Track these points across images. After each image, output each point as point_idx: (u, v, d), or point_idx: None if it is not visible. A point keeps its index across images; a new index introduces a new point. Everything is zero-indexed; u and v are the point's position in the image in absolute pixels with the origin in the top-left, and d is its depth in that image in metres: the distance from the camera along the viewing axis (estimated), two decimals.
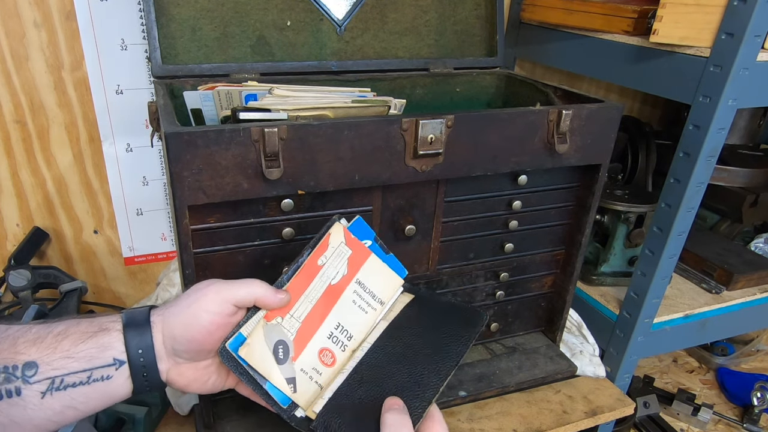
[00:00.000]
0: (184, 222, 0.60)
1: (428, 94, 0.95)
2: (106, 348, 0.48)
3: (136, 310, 0.52)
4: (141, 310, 0.52)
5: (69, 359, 0.46)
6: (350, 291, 0.60)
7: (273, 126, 0.58)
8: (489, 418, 0.83)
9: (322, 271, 0.59)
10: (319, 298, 0.58)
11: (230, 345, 0.54)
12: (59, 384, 0.46)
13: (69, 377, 0.46)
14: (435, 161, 0.68)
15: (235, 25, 0.83)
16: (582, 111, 0.73)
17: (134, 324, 0.50)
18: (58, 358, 0.46)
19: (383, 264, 0.62)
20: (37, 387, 0.45)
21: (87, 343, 0.47)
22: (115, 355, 0.48)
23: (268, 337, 0.55)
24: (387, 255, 0.63)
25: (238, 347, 0.54)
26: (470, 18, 0.97)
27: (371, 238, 0.62)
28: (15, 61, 0.86)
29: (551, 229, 0.86)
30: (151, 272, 1.10)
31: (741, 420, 1.24)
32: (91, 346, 0.47)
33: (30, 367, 0.45)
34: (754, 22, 0.69)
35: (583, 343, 0.97)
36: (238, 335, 0.54)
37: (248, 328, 0.55)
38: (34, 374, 0.45)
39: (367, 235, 0.62)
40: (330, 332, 0.58)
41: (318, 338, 0.57)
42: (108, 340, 0.48)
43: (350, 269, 0.60)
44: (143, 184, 1.02)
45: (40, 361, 0.46)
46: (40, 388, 0.46)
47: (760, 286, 1.08)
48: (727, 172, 1.16)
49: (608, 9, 0.90)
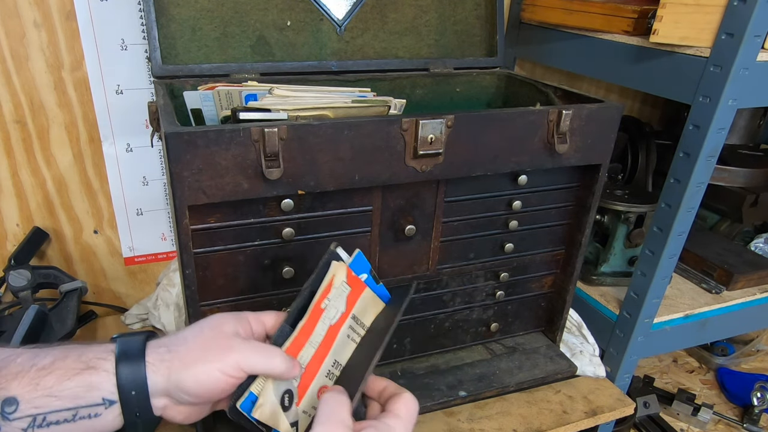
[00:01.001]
0: (184, 222, 0.60)
1: (428, 94, 0.95)
2: (93, 388, 0.45)
3: (130, 343, 0.48)
4: (135, 343, 0.48)
5: (52, 398, 0.43)
6: (346, 327, 0.59)
7: (273, 126, 0.58)
8: (489, 418, 0.83)
9: (324, 314, 0.57)
10: (321, 341, 0.57)
11: (242, 406, 0.51)
12: (41, 422, 0.43)
13: (52, 415, 0.44)
14: (435, 161, 0.68)
15: (235, 25, 0.83)
16: (582, 111, 0.73)
17: (128, 361, 0.47)
18: (41, 395, 0.43)
19: (374, 294, 0.62)
20: (17, 424, 0.43)
21: (72, 380, 0.44)
22: (104, 395, 0.45)
23: (276, 390, 0.53)
24: (378, 285, 0.62)
25: (251, 408, 0.52)
26: (470, 18, 0.97)
27: (367, 271, 0.61)
28: (15, 61, 0.86)
29: (551, 229, 0.86)
30: (151, 272, 1.10)
31: (741, 420, 1.24)
32: (76, 384, 0.44)
33: (10, 404, 0.42)
34: (754, 22, 0.69)
35: (583, 343, 0.97)
36: (249, 394, 0.52)
37: (258, 386, 0.52)
38: (14, 411, 0.43)
39: (364, 268, 0.61)
40: (328, 370, 0.57)
41: (318, 379, 0.56)
42: (96, 380, 0.45)
43: (348, 306, 0.59)
44: (143, 184, 1.02)
45: (21, 397, 0.43)
46: (21, 425, 0.43)
47: (760, 286, 1.08)
48: (727, 172, 1.16)
49: (608, 9, 0.90)
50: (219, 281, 0.68)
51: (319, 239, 0.71)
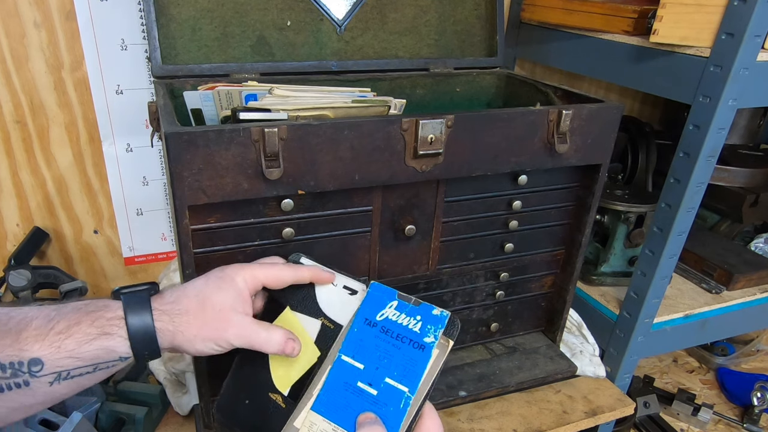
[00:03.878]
0: (184, 222, 0.60)
1: (428, 94, 0.95)
2: (111, 351, 0.50)
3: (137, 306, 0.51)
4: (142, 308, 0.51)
5: (74, 359, 0.48)
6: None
7: (273, 126, 0.58)
8: (489, 418, 0.83)
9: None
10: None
11: None
12: (66, 375, 0.48)
13: (75, 371, 0.49)
14: (435, 161, 0.68)
15: (235, 25, 0.83)
16: (582, 111, 0.73)
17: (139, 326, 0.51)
18: (63, 357, 0.48)
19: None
20: (45, 379, 0.47)
21: (91, 344, 0.49)
22: (120, 354, 0.50)
23: None
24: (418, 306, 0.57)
25: None
26: (470, 18, 0.97)
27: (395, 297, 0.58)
28: (15, 61, 0.86)
29: (551, 229, 0.85)
30: (151, 272, 1.10)
31: (741, 420, 1.24)
32: (95, 347, 0.49)
33: (36, 363, 0.47)
34: (754, 22, 0.69)
35: (583, 343, 0.97)
36: None
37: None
38: (40, 369, 0.47)
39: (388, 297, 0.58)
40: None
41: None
42: (112, 344, 0.50)
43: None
44: (143, 184, 1.02)
45: (45, 358, 0.47)
46: (48, 380, 0.48)
47: (760, 286, 1.08)
48: (727, 172, 1.16)
49: (608, 9, 0.90)
50: None
51: (319, 239, 0.71)
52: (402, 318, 0.55)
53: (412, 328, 0.54)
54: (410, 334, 0.54)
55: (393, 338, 0.54)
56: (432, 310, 0.55)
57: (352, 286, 0.60)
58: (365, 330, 0.55)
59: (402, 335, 0.54)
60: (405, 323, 0.55)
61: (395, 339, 0.54)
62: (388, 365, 0.53)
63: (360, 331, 0.55)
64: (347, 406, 0.52)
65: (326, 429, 0.52)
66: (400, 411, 0.52)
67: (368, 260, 0.75)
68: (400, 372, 0.53)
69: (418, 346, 0.53)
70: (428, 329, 0.54)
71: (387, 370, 0.53)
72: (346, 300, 0.59)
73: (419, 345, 0.53)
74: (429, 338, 0.54)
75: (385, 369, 0.53)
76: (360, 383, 0.53)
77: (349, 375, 0.54)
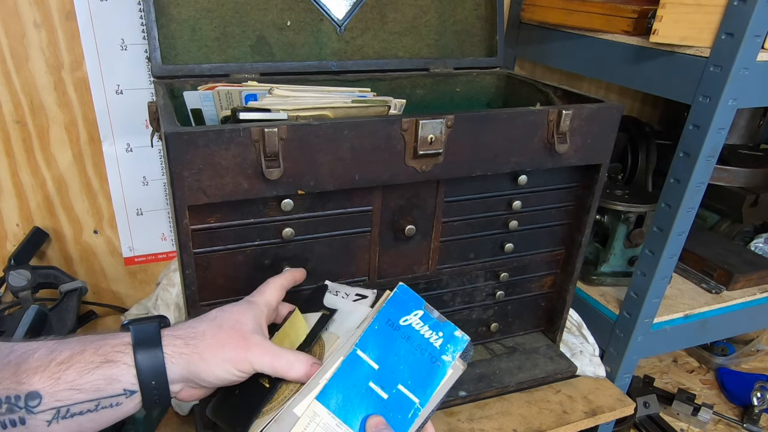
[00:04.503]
0: (184, 222, 0.60)
1: (428, 94, 0.95)
2: (114, 380, 0.47)
3: (145, 333, 0.49)
4: (150, 333, 0.49)
5: (74, 390, 0.45)
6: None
7: (273, 126, 0.58)
8: (489, 418, 0.83)
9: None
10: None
11: None
12: (65, 413, 0.45)
13: (75, 407, 0.45)
14: (435, 161, 0.68)
15: (235, 25, 0.83)
16: (582, 111, 0.73)
17: (146, 353, 0.48)
18: (63, 389, 0.45)
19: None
20: (42, 416, 0.44)
21: (93, 374, 0.46)
22: (125, 386, 0.47)
23: None
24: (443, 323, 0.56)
25: None
26: (470, 18, 0.97)
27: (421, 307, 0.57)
28: (15, 61, 0.86)
29: (551, 229, 0.85)
30: (151, 272, 1.10)
31: (741, 420, 1.24)
32: (97, 377, 0.46)
33: (33, 398, 0.44)
34: (754, 22, 0.69)
35: (583, 343, 0.97)
36: None
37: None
38: (37, 405, 0.44)
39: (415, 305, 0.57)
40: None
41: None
42: (116, 373, 0.47)
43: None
44: (143, 184, 1.02)
45: (44, 391, 0.44)
46: (46, 417, 0.45)
47: (760, 286, 1.08)
48: (727, 172, 1.16)
49: (608, 9, 0.90)
50: (219, 281, 0.68)
51: (319, 239, 0.71)
52: (425, 330, 0.55)
53: (433, 343, 0.54)
54: (430, 348, 0.54)
55: (414, 347, 0.54)
56: (454, 331, 0.55)
57: (363, 292, 0.62)
58: (386, 331, 0.54)
59: (422, 346, 0.54)
60: (427, 336, 0.54)
61: (415, 349, 0.54)
62: (404, 372, 0.53)
63: (381, 330, 0.54)
64: (355, 405, 0.51)
65: (329, 423, 0.51)
66: (407, 421, 0.51)
67: (368, 260, 0.75)
68: (414, 382, 0.52)
69: (436, 361, 0.53)
70: (448, 348, 0.54)
71: (402, 376, 0.52)
72: (356, 305, 0.60)
73: (437, 360, 0.53)
74: (447, 357, 0.53)
75: (399, 375, 0.52)
76: (372, 383, 0.52)
77: (362, 372, 0.52)
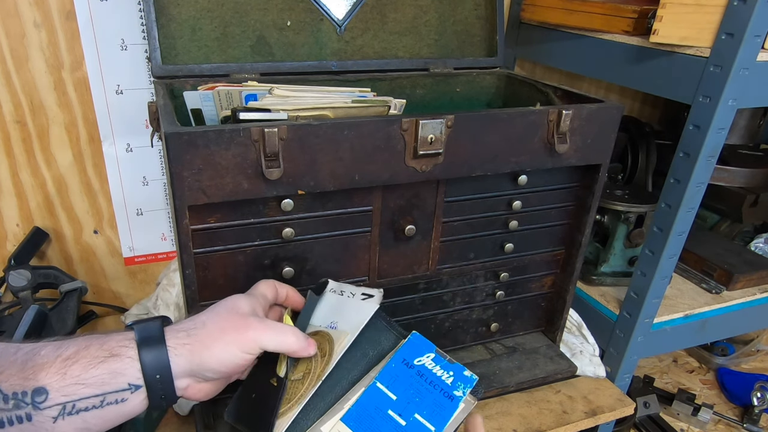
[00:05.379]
0: (184, 222, 0.60)
1: (428, 94, 0.95)
2: (119, 374, 0.47)
3: (149, 329, 0.50)
4: (154, 329, 0.50)
5: (80, 385, 0.46)
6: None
7: (273, 126, 0.58)
8: (489, 418, 0.83)
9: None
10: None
11: None
12: (71, 409, 0.46)
13: (81, 402, 0.46)
14: (435, 161, 0.68)
15: (235, 25, 0.83)
16: (582, 111, 0.73)
17: (149, 346, 0.49)
18: (69, 384, 0.45)
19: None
20: (48, 413, 0.45)
21: (98, 368, 0.46)
22: (129, 380, 0.48)
23: None
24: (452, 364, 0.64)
25: None
26: (470, 18, 0.97)
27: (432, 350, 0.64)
28: (15, 61, 0.86)
29: (551, 229, 0.85)
30: (151, 272, 1.10)
31: (741, 420, 1.24)
32: (102, 371, 0.46)
33: (40, 393, 0.44)
34: (754, 22, 0.69)
35: (583, 343, 0.97)
36: None
37: None
38: (44, 400, 0.44)
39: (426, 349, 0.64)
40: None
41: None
42: (121, 366, 0.47)
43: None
44: (143, 184, 1.02)
45: (50, 386, 0.45)
46: (52, 414, 0.45)
47: (760, 286, 1.08)
48: (727, 172, 1.16)
49: (608, 9, 0.90)
50: (219, 281, 0.68)
51: (319, 239, 0.71)
52: (437, 369, 0.62)
53: (445, 380, 0.61)
54: (442, 384, 0.60)
55: (427, 383, 0.60)
56: (464, 371, 0.62)
57: (369, 292, 0.65)
58: (402, 368, 0.61)
59: (435, 383, 0.60)
60: (439, 374, 0.61)
61: (428, 384, 0.60)
62: (420, 404, 0.59)
63: (397, 367, 0.61)
64: (375, 427, 0.57)
65: None
66: None
67: (368, 260, 0.75)
68: (429, 412, 0.58)
69: (448, 396, 0.60)
70: (458, 385, 0.60)
71: (418, 407, 0.58)
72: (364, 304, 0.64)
73: (449, 395, 0.60)
74: (458, 392, 0.60)
75: (416, 405, 0.58)
76: (391, 411, 0.58)
77: (381, 401, 0.59)
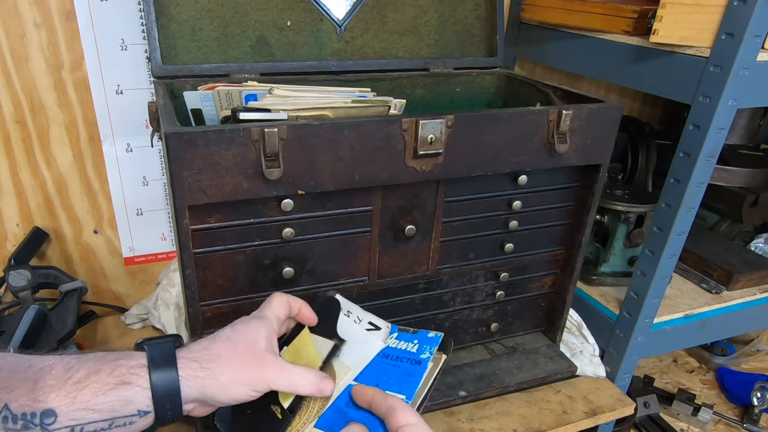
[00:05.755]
0: (184, 222, 0.60)
1: (428, 94, 0.95)
2: (129, 402, 0.47)
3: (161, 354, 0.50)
4: (166, 356, 0.50)
5: (89, 411, 0.46)
6: None
7: (273, 126, 0.59)
8: (489, 418, 0.83)
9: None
10: None
11: None
12: (79, 431, 0.46)
13: (89, 426, 0.46)
14: (435, 161, 0.68)
15: (235, 25, 0.83)
16: (582, 111, 0.73)
17: (161, 374, 0.49)
18: (78, 409, 0.45)
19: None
20: None
21: (108, 395, 0.46)
22: (139, 407, 0.48)
23: None
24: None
25: None
26: (470, 18, 0.97)
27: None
28: (15, 61, 0.86)
29: (551, 229, 0.85)
30: (151, 272, 1.10)
31: (741, 420, 1.24)
32: (112, 399, 0.47)
33: (48, 416, 0.44)
34: (754, 22, 0.69)
35: (583, 343, 0.97)
36: None
37: None
38: (53, 422, 0.45)
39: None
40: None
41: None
42: (131, 394, 0.47)
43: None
44: (143, 184, 1.02)
45: (59, 410, 0.45)
46: None
47: (760, 286, 1.08)
48: (727, 172, 1.16)
49: (608, 9, 0.90)
50: (219, 281, 0.68)
51: (319, 239, 0.71)
52: (401, 344, 0.63)
53: (410, 350, 0.62)
54: (409, 355, 0.61)
55: (393, 360, 0.61)
56: (427, 334, 0.63)
57: (377, 323, 0.66)
58: (374, 360, 0.62)
59: (401, 357, 0.62)
60: (404, 347, 0.63)
61: (395, 360, 0.61)
62: (388, 381, 0.59)
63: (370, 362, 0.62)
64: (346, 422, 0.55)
65: None
66: None
67: (368, 260, 0.75)
68: (398, 384, 0.58)
69: (415, 362, 0.60)
70: (424, 348, 0.61)
71: (386, 385, 0.58)
72: (368, 335, 0.65)
73: (416, 361, 0.60)
74: (425, 355, 0.61)
75: (384, 384, 0.58)
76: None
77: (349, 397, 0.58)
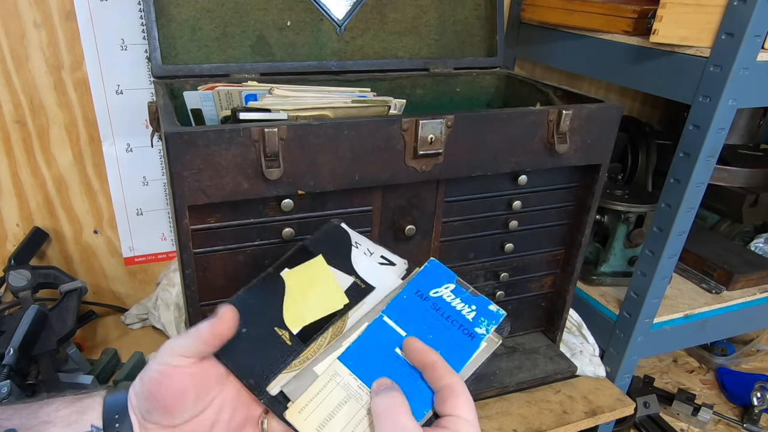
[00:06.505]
0: (184, 222, 0.60)
1: (428, 94, 0.95)
2: (85, 412, 0.48)
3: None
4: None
5: (48, 424, 0.47)
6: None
7: (273, 126, 0.59)
8: (489, 418, 0.83)
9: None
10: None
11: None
12: None
13: None
14: (435, 161, 0.68)
15: (235, 25, 0.83)
16: (582, 111, 0.73)
17: (115, 391, 0.50)
18: (38, 423, 0.47)
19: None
20: None
21: (68, 408, 0.48)
22: (92, 421, 0.48)
23: None
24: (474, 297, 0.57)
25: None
26: (470, 18, 0.97)
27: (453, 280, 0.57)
28: (15, 61, 0.86)
29: (551, 229, 0.86)
30: (151, 272, 1.10)
31: (741, 420, 1.24)
32: (71, 411, 0.48)
33: None
34: (754, 22, 0.69)
35: (583, 343, 0.97)
36: None
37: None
38: None
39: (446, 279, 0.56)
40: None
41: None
42: (88, 402, 0.49)
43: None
44: (143, 184, 1.02)
45: (20, 426, 0.47)
46: None
47: (760, 286, 1.08)
48: (727, 172, 1.16)
49: (608, 9, 0.90)
50: (219, 281, 0.68)
51: None
52: (457, 302, 0.54)
53: (466, 315, 0.53)
54: (462, 320, 0.52)
55: (444, 318, 0.53)
56: (489, 305, 0.53)
57: (390, 258, 0.59)
58: (415, 301, 0.54)
59: (453, 318, 0.53)
60: (459, 308, 0.53)
61: (445, 319, 0.53)
62: (434, 341, 0.51)
63: (409, 299, 0.54)
64: (379, 367, 0.50)
65: (350, 383, 0.50)
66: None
67: None
68: (445, 352, 0.50)
69: (468, 334, 0.52)
70: (481, 321, 0.52)
71: (431, 345, 0.50)
72: (383, 269, 0.58)
73: (469, 333, 0.52)
74: (481, 330, 0.52)
75: (429, 343, 0.50)
76: (398, 350, 0.51)
77: (388, 338, 0.52)
